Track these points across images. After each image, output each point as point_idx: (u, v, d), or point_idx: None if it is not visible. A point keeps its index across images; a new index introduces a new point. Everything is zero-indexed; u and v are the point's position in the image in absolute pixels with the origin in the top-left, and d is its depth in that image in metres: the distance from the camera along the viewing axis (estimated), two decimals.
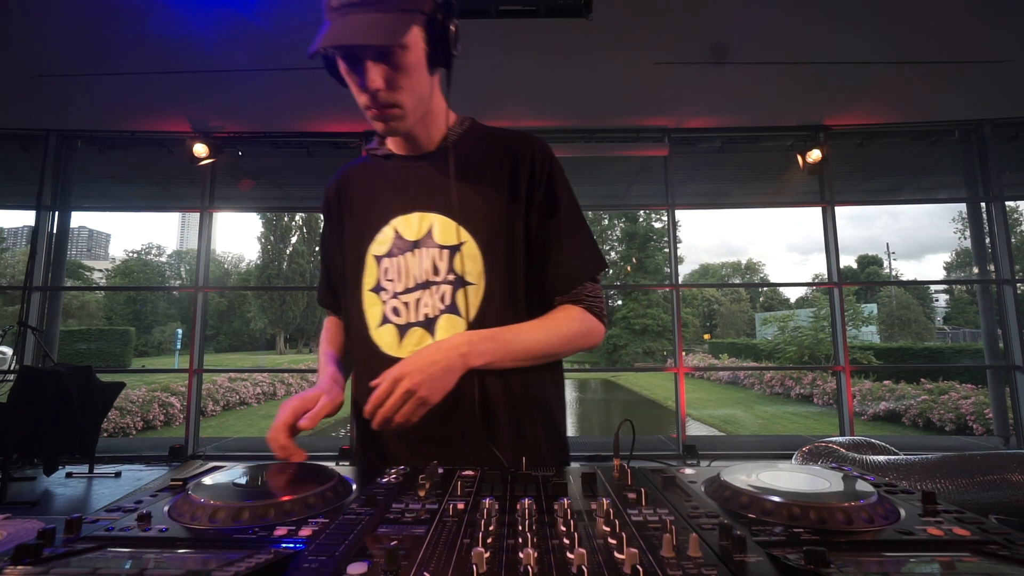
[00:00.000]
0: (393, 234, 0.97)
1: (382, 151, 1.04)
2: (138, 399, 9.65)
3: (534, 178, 0.96)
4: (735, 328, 42.54)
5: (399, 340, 0.94)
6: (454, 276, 0.93)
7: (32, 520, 0.64)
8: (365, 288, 0.99)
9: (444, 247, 0.94)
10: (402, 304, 0.95)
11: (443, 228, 0.94)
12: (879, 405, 10.84)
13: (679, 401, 5.32)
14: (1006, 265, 5.26)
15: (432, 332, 0.93)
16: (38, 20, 3.58)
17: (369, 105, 0.88)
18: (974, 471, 2.89)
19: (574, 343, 0.94)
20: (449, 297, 0.93)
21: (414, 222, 0.96)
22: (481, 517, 0.54)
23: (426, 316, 0.93)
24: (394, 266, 0.96)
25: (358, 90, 0.88)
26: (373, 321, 0.97)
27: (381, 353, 0.95)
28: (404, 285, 0.95)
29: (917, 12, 3.56)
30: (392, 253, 0.96)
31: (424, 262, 0.94)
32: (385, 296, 0.96)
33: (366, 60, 0.84)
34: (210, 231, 5.61)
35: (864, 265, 50.19)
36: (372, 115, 0.90)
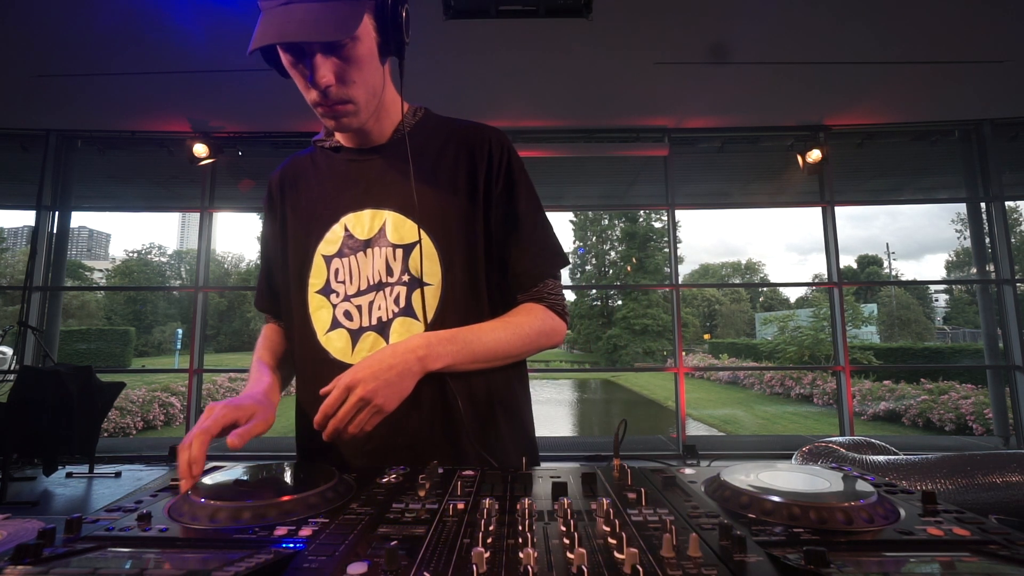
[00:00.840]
0: (343, 232, 0.91)
1: (330, 143, 0.97)
2: (138, 399, 9.65)
3: (491, 171, 0.91)
4: (735, 328, 42.53)
5: (352, 346, 0.88)
6: (408, 276, 0.87)
7: (32, 520, 0.64)
8: (311, 290, 0.92)
9: (398, 246, 0.88)
10: (354, 307, 0.89)
11: (396, 226, 0.88)
12: (879, 405, 10.84)
13: (679, 401, 5.32)
14: (1006, 265, 5.26)
15: (386, 337, 0.87)
16: (38, 20, 3.58)
17: (319, 102, 0.82)
18: (974, 471, 2.89)
19: (536, 343, 0.90)
20: (404, 299, 0.87)
21: (366, 219, 0.90)
22: (481, 517, 0.54)
23: (379, 320, 0.87)
24: (345, 267, 0.90)
25: (305, 85, 0.81)
26: (321, 325, 0.90)
27: (331, 360, 0.88)
28: (356, 287, 0.89)
29: (917, 12, 3.56)
30: (342, 253, 0.90)
31: (377, 262, 0.88)
32: (335, 299, 0.90)
33: (315, 54, 0.77)
34: (210, 231, 5.62)
35: (864, 265, 50.20)
36: (322, 112, 0.84)
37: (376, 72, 0.84)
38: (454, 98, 4.68)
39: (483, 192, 0.91)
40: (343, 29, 0.74)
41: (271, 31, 0.73)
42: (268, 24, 0.74)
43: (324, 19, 0.73)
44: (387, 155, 0.93)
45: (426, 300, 0.86)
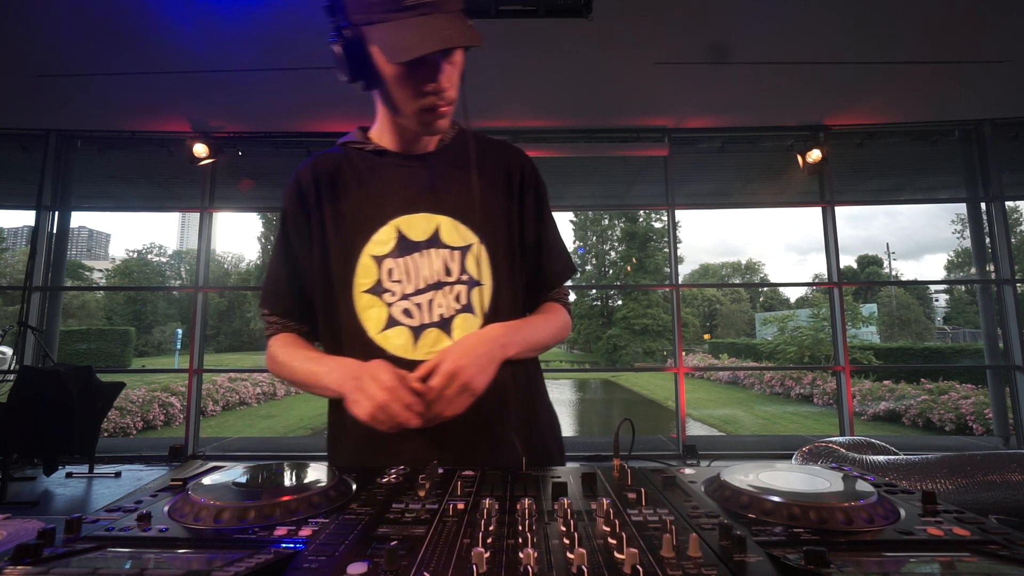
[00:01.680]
0: (396, 234, 0.94)
1: (371, 146, 0.99)
2: (138, 399, 9.65)
3: (524, 186, 1.01)
4: (735, 328, 42.54)
5: (413, 342, 0.92)
6: (467, 277, 0.94)
7: (32, 520, 0.64)
8: (358, 290, 0.93)
9: (454, 248, 0.94)
10: (413, 305, 0.93)
11: (450, 229, 0.94)
12: (879, 405, 10.84)
13: (679, 401, 5.32)
14: (1006, 265, 5.26)
15: (449, 332, 0.93)
16: (38, 20, 3.58)
17: (433, 105, 0.87)
18: (974, 471, 2.89)
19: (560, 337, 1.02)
20: (465, 297, 0.94)
21: (420, 223, 0.94)
22: (481, 517, 0.54)
23: (441, 316, 0.93)
24: (400, 267, 0.93)
25: (416, 92, 0.86)
26: (374, 324, 0.92)
27: (391, 356, 0.90)
28: (414, 286, 0.93)
29: (917, 12, 3.57)
30: (396, 254, 0.93)
31: (435, 263, 0.93)
32: (390, 298, 0.92)
33: (441, 61, 0.84)
34: (210, 231, 5.62)
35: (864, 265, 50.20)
36: (429, 117, 0.89)
37: None
38: None
39: (517, 203, 1.01)
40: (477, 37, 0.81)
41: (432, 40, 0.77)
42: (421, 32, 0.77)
43: (463, 29, 0.80)
44: (434, 163, 0.98)
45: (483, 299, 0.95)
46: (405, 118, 0.91)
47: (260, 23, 3.66)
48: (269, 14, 3.57)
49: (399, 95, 0.87)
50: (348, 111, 5.05)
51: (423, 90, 0.85)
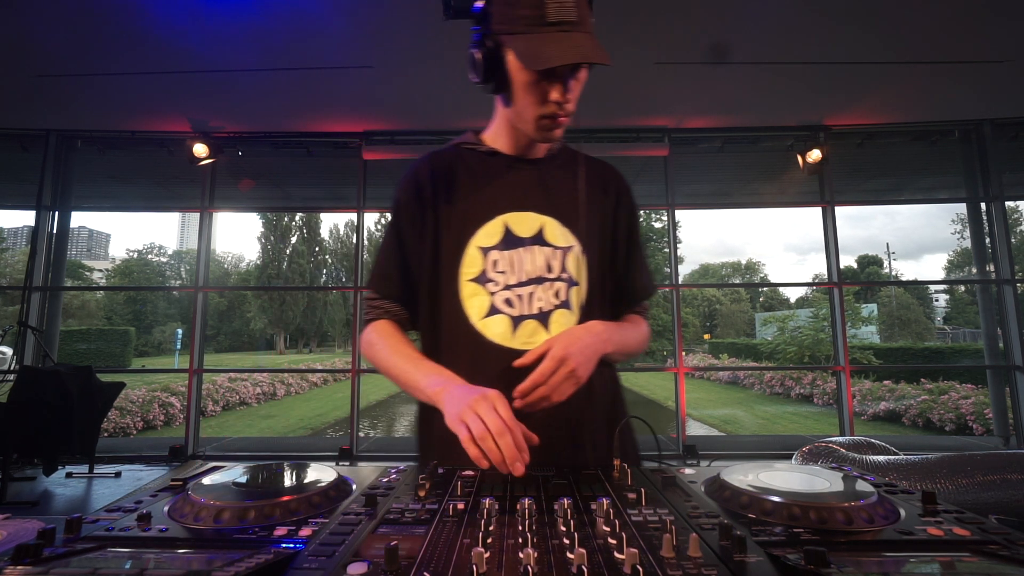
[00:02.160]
0: (503, 228, 1.00)
1: (483, 148, 1.06)
2: (138, 399, 9.65)
3: (619, 203, 1.09)
4: (735, 328, 42.53)
5: (512, 331, 0.96)
6: (567, 275, 0.99)
7: (32, 520, 0.64)
8: (464, 278, 0.98)
9: (557, 247, 1.00)
10: (515, 296, 0.97)
11: (554, 230, 1.00)
12: (879, 405, 10.83)
13: (679, 401, 5.32)
14: (1006, 265, 5.26)
15: (546, 325, 0.97)
16: (38, 20, 3.58)
17: (554, 114, 0.93)
18: (974, 471, 2.89)
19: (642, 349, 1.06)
20: (564, 293, 0.99)
21: (527, 220, 1.00)
22: (481, 517, 0.54)
23: (540, 309, 0.97)
24: (505, 259, 0.98)
25: (539, 101, 0.92)
26: (476, 311, 0.97)
27: (489, 343, 0.96)
28: (517, 279, 0.98)
29: (917, 12, 3.56)
30: (502, 247, 0.99)
31: (538, 259, 0.99)
32: (493, 287, 0.98)
33: (569, 76, 0.90)
34: (210, 231, 5.61)
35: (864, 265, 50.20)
36: (548, 124, 0.94)
37: None
38: (454, 98, 4.68)
39: (611, 217, 1.08)
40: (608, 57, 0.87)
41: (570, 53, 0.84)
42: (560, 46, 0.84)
43: (597, 48, 0.86)
44: (545, 168, 1.05)
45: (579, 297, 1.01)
46: (524, 123, 0.96)
47: (260, 23, 3.66)
48: (269, 14, 3.57)
49: (524, 101, 0.93)
50: (348, 111, 5.06)
51: (547, 99, 0.91)
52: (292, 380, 15.69)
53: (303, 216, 40.94)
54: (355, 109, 5.01)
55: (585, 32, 0.87)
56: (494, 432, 0.71)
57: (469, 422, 0.73)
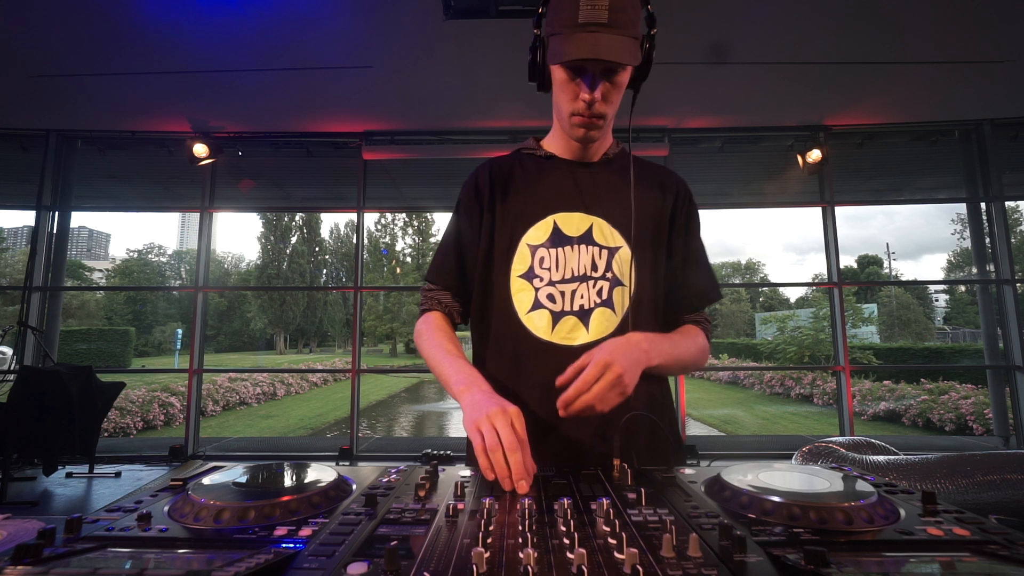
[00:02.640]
0: (552, 227, 1.03)
1: (541, 152, 1.10)
2: (138, 399, 9.65)
3: (678, 205, 1.08)
4: (735, 328, 42.52)
5: (552, 326, 0.99)
6: (611, 275, 1.01)
7: (32, 520, 0.64)
8: (514, 274, 1.02)
9: (604, 247, 1.02)
10: (558, 292, 1.00)
11: (602, 230, 1.02)
12: (879, 405, 10.83)
13: (679, 401, 5.32)
14: (1006, 265, 5.26)
15: (586, 323, 0.98)
16: (38, 20, 3.58)
17: (582, 112, 0.95)
18: (974, 471, 2.89)
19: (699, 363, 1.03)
20: (606, 292, 1.00)
21: (575, 220, 1.03)
22: (481, 517, 0.54)
23: (581, 307, 0.99)
24: (551, 256, 1.01)
25: (572, 97, 0.95)
26: (522, 306, 1.01)
27: (533, 336, 0.99)
28: (561, 275, 1.00)
29: (917, 12, 3.56)
30: (548, 244, 1.02)
31: (583, 258, 1.01)
32: (538, 283, 1.01)
33: (596, 74, 0.92)
34: (210, 231, 5.61)
35: (864, 265, 50.20)
36: (579, 121, 0.97)
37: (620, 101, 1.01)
38: (454, 98, 4.68)
39: (668, 221, 1.07)
40: (634, 58, 0.91)
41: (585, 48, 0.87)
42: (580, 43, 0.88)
43: (625, 49, 0.89)
44: (598, 170, 1.08)
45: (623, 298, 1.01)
46: (562, 121, 1.01)
47: (260, 23, 3.66)
48: (269, 14, 3.56)
49: (559, 97, 0.98)
50: (348, 111, 5.06)
51: (578, 96, 0.94)
52: (292, 380, 15.69)
53: (303, 216, 40.94)
54: (355, 109, 5.01)
55: (617, 33, 0.89)
56: (506, 447, 0.71)
57: (484, 432, 0.74)
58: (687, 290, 1.07)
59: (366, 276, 26.90)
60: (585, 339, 0.98)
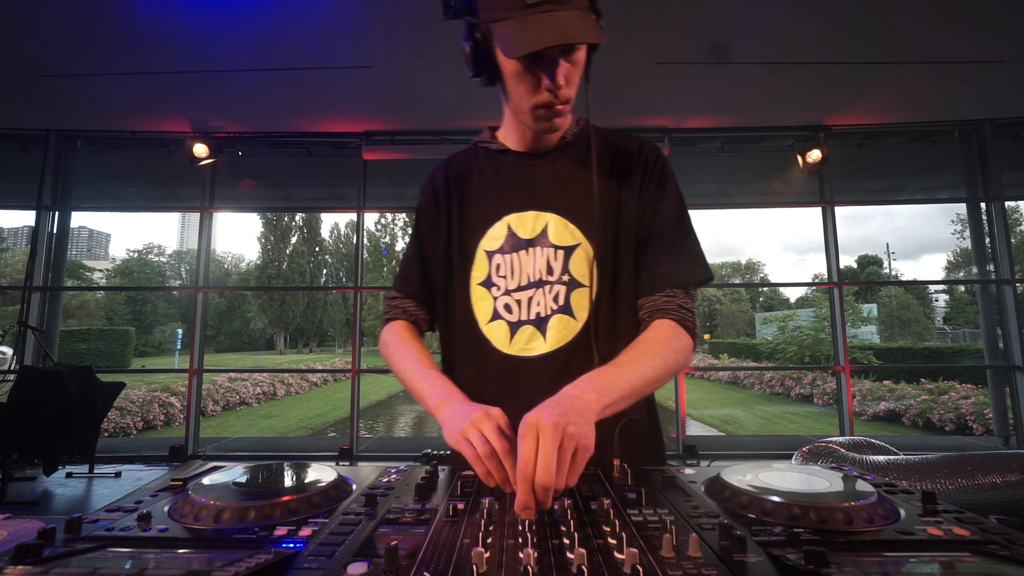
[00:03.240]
0: (506, 231, 0.97)
1: (495, 145, 1.02)
2: (138, 399, 9.65)
3: (645, 178, 0.96)
4: (735, 328, 42.53)
5: (510, 337, 0.94)
6: (568, 277, 0.93)
7: (32, 520, 0.64)
8: (473, 282, 0.97)
9: (559, 247, 0.94)
10: (514, 301, 0.94)
11: (558, 228, 0.94)
12: (879, 405, 10.83)
13: (679, 401, 5.32)
14: (1006, 265, 5.26)
15: (543, 331, 0.93)
16: (38, 20, 3.58)
17: (549, 103, 0.86)
18: (974, 471, 2.89)
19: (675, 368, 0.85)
20: (563, 297, 0.93)
21: (529, 220, 0.96)
22: (481, 517, 0.54)
23: (538, 315, 0.93)
24: (506, 263, 0.96)
25: (533, 89, 0.85)
26: (482, 316, 0.96)
27: (493, 348, 0.94)
28: (516, 283, 0.95)
29: (917, 13, 3.56)
30: (505, 249, 0.96)
31: (538, 261, 0.94)
32: (496, 292, 0.96)
33: (557, 58, 0.82)
34: (210, 231, 5.61)
35: (864, 265, 50.21)
36: (544, 113, 0.87)
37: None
38: (454, 98, 4.68)
39: (637, 199, 0.95)
40: (599, 34, 0.81)
41: (548, 35, 0.77)
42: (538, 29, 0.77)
43: (587, 25, 0.79)
44: (552, 161, 0.98)
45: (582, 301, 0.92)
46: (522, 115, 0.90)
47: (260, 23, 3.66)
48: (269, 14, 3.56)
49: (516, 91, 0.87)
50: (348, 111, 5.06)
51: (539, 87, 0.84)
52: (292, 380, 15.69)
53: (303, 216, 40.95)
54: (355, 109, 5.00)
55: (572, 8, 0.79)
56: (500, 451, 0.66)
57: (473, 440, 0.68)
58: (647, 271, 0.92)
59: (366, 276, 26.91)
60: (543, 349, 0.92)
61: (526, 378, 0.91)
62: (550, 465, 0.56)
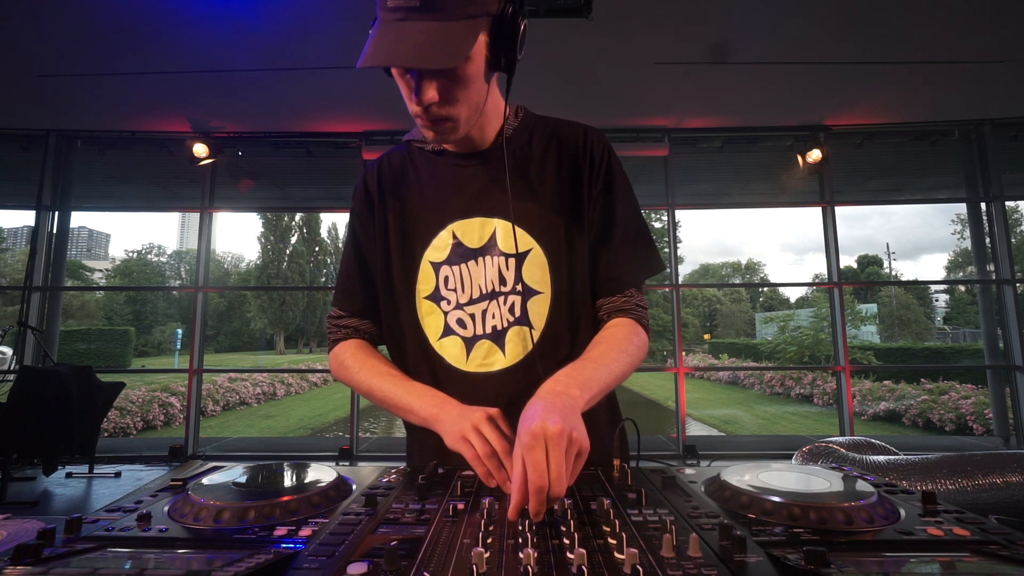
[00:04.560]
0: (451, 239, 0.90)
1: (431, 146, 0.95)
2: (138, 399, 9.65)
3: (592, 173, 0.91)
4: (735, 328, 42.52)
5: (466, 354, 0.89)
6: (522, 286, 0.88)
7: (32, 520, 0.64)
8: (420, 295, 0.91)
9: (510, 255, 0.88)
10: (467, 315, 0.89)
11: (507, 235, 0.88)
12: (879, 405, 10.83)
13: (679, 401, 5.32)
14: (1006, 265, 5.26)
15: (501, 345, 0.88)
16: (38, 20, 3.58)
17: (420, 115, 0.79)
18: (974, 471, 2.89)
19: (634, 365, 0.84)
20: (519, 308, 0.88)
21: (475, 227, 0.90)
22: (481, 517, 0.54)
23: (494, 328, 0.88)
24: (455, 275, 0.90)
25: (409, 96, 0.78)
26: (432, 332, 0.91)
27: (449, 366, 0.89)
28: (468, 296, 0.89)
29: (917, 13, 3.56)
30: (452, 260, 0.90)
31: (489, 271, 0.89)
32: (446, 306, 0.90)
33: (422, 76, 0.75)
34: (210, 231, 5.61)
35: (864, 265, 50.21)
36: (422, 124, 0.81)
37: (481, 89, 0.81)
38: None
39: (586, 198, 0.91)
40: (455, 56, 0.71)
41: (383, 52, 0.71)
42: (382, 41, 0.71)
43: (437, 44, 0.70)
44: (492, 161, 0.91)
45: (538, 309, 0.88)
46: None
47: (260, 23, 3.66)
48: (269, 14, 3.56)
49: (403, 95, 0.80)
50: (348, 111, 5.05)
51: (410, 95, 0.78)
52: (292, 380, 15.70)
53: (303, 216, 40.93)
54: (355, 109, 5.00)
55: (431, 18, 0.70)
56: (500, 451, 0.67)
57: (473, 441, 0.69)
58: (605, 272, 0.90)
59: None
60: (503, 364, 0.88)
61: (489, 395, 0.86)
62: (563, 477, 0.56)
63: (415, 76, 0.75)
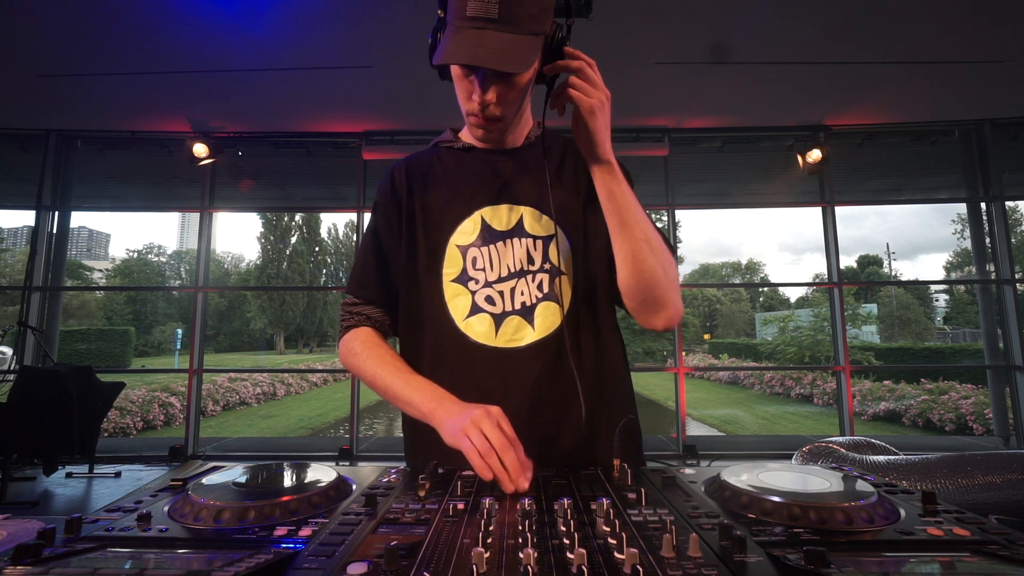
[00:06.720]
0: (480, 224, 0.97)
1: (459, 144, 1.03)
2: (138, 399, 9.65)
3: None
4: (735, 328, 42.52)
5: (495, 330, 0.93)
6: (550, 265, 0.95)
7: (32, 520, 0.64)
8: (446, 279, 0.96)
9: (537, 237, 0.96)
10: (496, 293, 0.94)
11: (532, 220, 0.97)
12: (879, 405, 10.83)
13: (679, 401, 5.32)
14: (1006, 265, 5.26)
15: (530, 320, 0.93)
16: (38, 20, 3.58)
17: (476, 113, 0.89)
18: (974, 471, 2.89)
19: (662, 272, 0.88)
20: (547, 285, 0.95)
21: (503, 213, 0.97)
22: (481, 517, 0.54)
23: (523, 304, 0.94)
24: (484, 255, 0.96)
25: (465, 96, 0.89)
26: (459, 312, 0.95)
27: (475, 344, 0.93)
28: (497, 274, 0.95)
29: (917, 12, 3.56)
30: (479, 243, 0.96)
31: (518, 251, 0.95)
32: (474, 286, 0.95)
33: (487, 78, 0.85)
34: (210, 231, 5.61)
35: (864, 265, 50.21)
36: (474, 122, 0.91)
37: (527, 96, 0.94)
38: (455, 98, 4.67)
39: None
40: (526, 63, 0.81)
41: (464, 52, 0.78)
42: (462, 43, 0.79)
43: (511, 51, 0.79)
44: (520, 157, 1.01)
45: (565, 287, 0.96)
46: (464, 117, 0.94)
47: (260, 23, 3.66)
48: (269, 14, 3.56)
49: (457, 93, 0.91)
50: (348, 111, 5.05)
51: (470, 95, 0.88)
52: (292, 380, 15.70)
53: (303, 216, 40.93)
54: (355, 109, 5.00)
55: (508, 31, 0.78)
56: (498, 448, 0.70)
57: (473, 437, 0.72)
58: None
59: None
60: (532, 338, 0.92)
61: (515, 369, 0.91)
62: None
63: (480, 78, 0.85)
